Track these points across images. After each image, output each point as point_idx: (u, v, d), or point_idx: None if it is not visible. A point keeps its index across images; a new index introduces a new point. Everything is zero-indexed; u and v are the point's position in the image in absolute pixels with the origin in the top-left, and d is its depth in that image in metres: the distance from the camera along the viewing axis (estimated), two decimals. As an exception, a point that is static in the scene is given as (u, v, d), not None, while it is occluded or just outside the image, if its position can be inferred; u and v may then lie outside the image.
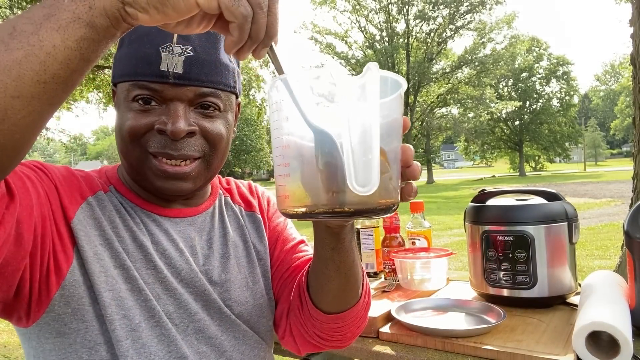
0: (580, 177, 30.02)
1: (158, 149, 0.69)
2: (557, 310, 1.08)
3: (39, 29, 0.42)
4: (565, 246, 1.09)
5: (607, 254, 5.95)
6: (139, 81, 0.68)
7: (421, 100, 27.54)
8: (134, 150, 0.70)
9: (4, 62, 0.41)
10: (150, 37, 0.68)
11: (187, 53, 0.68)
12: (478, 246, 1.15)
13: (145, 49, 0.68)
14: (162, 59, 0.67)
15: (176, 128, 0.67)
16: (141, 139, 0.69)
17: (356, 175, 0.43)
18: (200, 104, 0.71)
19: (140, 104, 0.69)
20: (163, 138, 0.69)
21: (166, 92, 0.68)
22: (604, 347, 0.82)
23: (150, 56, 0.67)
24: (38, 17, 0.42)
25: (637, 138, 2.35)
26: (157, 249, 0.73)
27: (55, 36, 0.42)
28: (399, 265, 1.33)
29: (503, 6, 29.42)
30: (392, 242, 1.43)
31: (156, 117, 0.69)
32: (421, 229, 1.45)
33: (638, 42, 2.26)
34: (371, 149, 0.44)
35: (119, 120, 0.72)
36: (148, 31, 0.68)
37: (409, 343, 0.98)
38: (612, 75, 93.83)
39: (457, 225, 9.43)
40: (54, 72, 0.43)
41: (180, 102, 0.69)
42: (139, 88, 0.68)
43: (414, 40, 27.30)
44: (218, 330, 0.76)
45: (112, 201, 0.73)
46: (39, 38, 0.42)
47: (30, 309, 0.64)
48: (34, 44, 0.42)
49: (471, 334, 0.95)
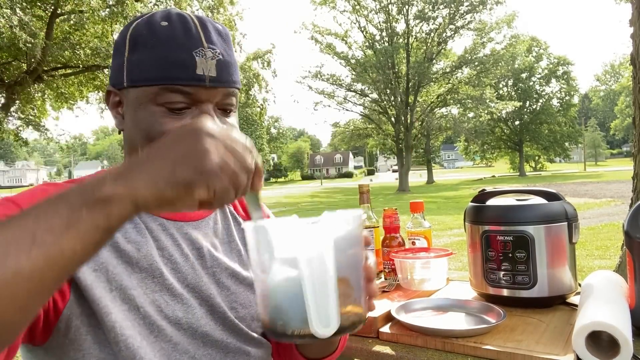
0: (580, 177, 30.02)
1: None
2: (557, 310, 1.08)
3: (60, 239, 0.44)
4: (565, 246, 1.09)
5: (607, 254, 5.95)
6: (174, 85, 0.69)
7: (421, 100, 27.50)
8: None
9: (27, 271, 0.43)
10: (179, 42, 0.69)
11: (217, 56, 0.71)
12: (478, 246, 1.15)
13: (178, 54, 0.69)
14: (197, 63, 0.69)
15: None
16: None
17: (318, 318, 0.49)
18: (224, 104, 0.74)
19: (170, 108, 0.70)
20: None
21: (200, 95, 0.70)
22: (604, 347, 0.82)
23: (184, 61, 0.69)
24: (58, 228, 0.45)
25: (637, 138, 2.35)
26: (162, 254, 0.73)
27: (76, 244, 0.45)
28: (399, 265, 1.33)
29: (503, 6, 29.41)
30: (392, 242, 1.43)
31: (188, 119, 0.70)
32: (421, 229, 1.45)
33: (638, 42, 2.26)
34: (327, 296, 0.49)
35: (142, 125, 0.71)
36: (172, 35, 0.70)
37: (409, 343, 0.98)
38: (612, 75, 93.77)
39: (457, 225, 9.43)
40: (73, 270, 0.47)
41: (210, 104, 0.72)
42: (172, 92, 0.69)
43: (414, 40, 27.27)
44: (223, 334, 0.77)
45: None
46: (60, 248, 0.44)
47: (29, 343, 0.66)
48: (56, 255, 0.44)
49: (471, 334, 0.95)
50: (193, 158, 0.48)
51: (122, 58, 0.72)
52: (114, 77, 0.75)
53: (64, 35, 10.64)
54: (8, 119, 11.25)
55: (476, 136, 33.04)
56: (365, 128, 30.22)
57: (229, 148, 0.50)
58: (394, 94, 26.31)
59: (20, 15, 8.14)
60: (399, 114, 26.40)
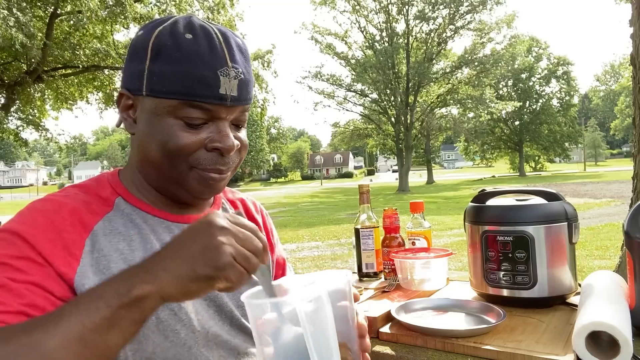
0: (580, 177, 30.03)
1: (210, 165, 0.73)
2: (557, 310, 1.08)
3: (106, 337, 0.53)
4: (565, 246, 1.09)
5: (607, 254, 5.95)
6: (195, 101, 0.70)
7: (421, 100, 27.50)
8: (178, 165, 0.73)
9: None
10: (204, 59, 0.70)
11: (239, 76, 0.72)
12: (478, 246, 1.15)
13: (202, 71, 0.70)
14: (221, 82, 0.70)
15: (230, 147, 0.73)
16: (189, 157, 0.72)
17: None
18: (238, 120, 0.76)
19: (188, 122, 0.71)
20: (214, 155, 0.73)
21: (219, 112, 0.72)
22: (604, 347, 0.82)
23: (208, 79, 0.70)
24: (103, 328, 0.53)
25: (637, 138, 2.35)
26: None
27: (119, 338, 0.54)
28: (399, 265, 1.33)
29: (503, 6, 29.41)
30: (392, 242, 1.43)
31: (206, 135, 0.72)
32: (421, 229, 1.45)
33: (638, 42, 2.26)
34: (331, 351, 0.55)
35: (158, 136, 0.72)
36: (197, 51, 0.70)
37: (409, 343, 0.98)
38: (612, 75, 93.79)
39: (457, 225, 9.43)
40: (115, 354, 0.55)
41: (227, 121, 0.74)
42: (193, 107, 0.70)
43: (413, 40, 27.27)
44: (231, 334, 0.78)
45: (122, 216, 0.74)
46: (107, 345, 0.53)
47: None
48: (103, 349, 0.53)
49: (471, 334, 0.94)
50: (209, 254, 0.55)
51: (143, 65, 0.72)
52: (131, 82, 0.74)
53: (64, 36, 10.64)
54: (8, 119, 11.24)
55: (476, 136, 33.05)
56: (365, 128, 30.22)
57: (239, 237, 0.57)
58: (394, 94, 26.30)
59: (18, 16, 8.12)
60: (399, 114, 26.40)
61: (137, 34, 0.76)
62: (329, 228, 10.90)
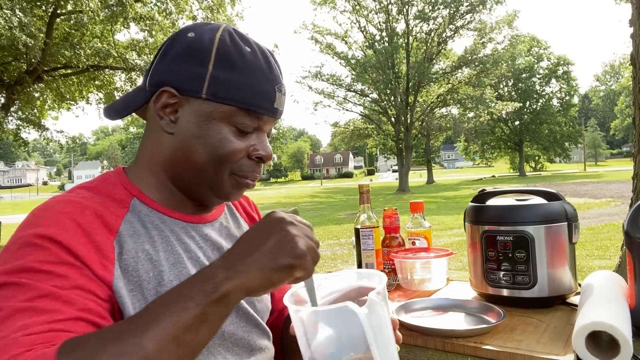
0: (580, 177, 30.03)
1: (249, 172, 0.78)
2: (557, 310, 1.08)
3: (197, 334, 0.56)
4: (565, 246, 1.09)
5: (607, 254, 5.95)
6: (254, 111, 0.74)
7: (421, 100, 27.49)
8: (220, 170, 0.75)
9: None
10: (264, 74, 0.75)
11: (285, 93, 0.79)
12: (478, 246, 1.15)
13: (265, 85, 0.75)
14: (276, 97, 0.76)
15: (269, 155, 0.78)
16: (233, 162, 0.75)
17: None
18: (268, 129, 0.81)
19: (240, 129, 0.75)
20: (253, 162, 0.78)
21: (266, 123, 0.78)
22: (604, 347, 0.82)
23: (269, 93, 0.75)
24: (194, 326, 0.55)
25: (637, 138, 2.35)
26: (190, 256, 0.75)
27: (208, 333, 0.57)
28: (399, 265, 1.33)
29: (503, 6, 29.42)
30: (392, 242, 1.43)
31: (250, 143, 0.76)
32: (421, 229, 1.45)
33: (638, 42, 2.26)
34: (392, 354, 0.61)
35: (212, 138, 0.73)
36: (258, 66, 0.75)
37: (409, 343, 0.98)
38: (612, 75, 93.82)
39: (457, 225, 9.43)
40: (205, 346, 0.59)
41: (266, 132, 0.79)
42: (250, 117, 0.75)
43: (413, 40, 27.26)
44: (245, 331, 0.80)
45: (140, 218, 0.74)
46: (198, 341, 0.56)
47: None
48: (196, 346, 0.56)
49: (471, 334, 0.95)
50: (287, 246, 0.60)
51: (203, 68, 0.72)
52: (183, 82, 0.73)
53: (64, 35, 10.63)
54: (8, 119, 11.24)
55: (476, 136, 33.05)
56: (365, 128, 30.21)
57: (305, 231, 0.63)
58: (394, 94, 26.30)
59: (20, 16, 8.12)
60: (399, 114, 26.40)
61: (186, 34, 0.75)
62: (329, 228, 10.91)
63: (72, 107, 12.88)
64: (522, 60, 39.34)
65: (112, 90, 12.38)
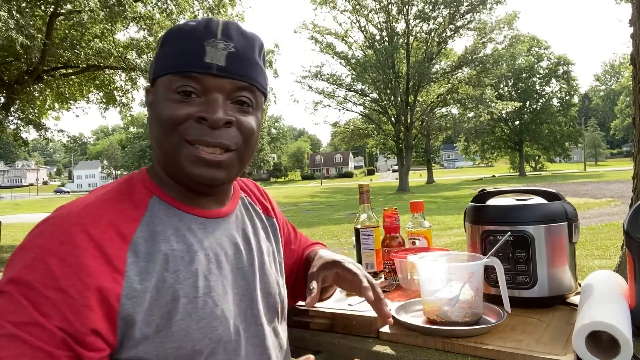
0: (580, 177, 30.03)
1: (196, 137, 0.72)
2: (557, 310, 1.08)
3: None
4: (565, 246, 1.09)
5: (607, 254, 5.95)
6: (183, 72, 0.72)
7: (421, 100, 27.50)
8: (171, 138, 0.73)
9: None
10: (196, 34, 0.73)
11: (229, 49, 0.73)
12: (478, 246, 1.15)
13: (191, 44, 0.73)
14: (206, 52, 0.72)
15: (216, 116, 0.72)
16: (180, 127, 0.72)
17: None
18: (237, 98, 0.75)
19: (181, 95, 0.73)
20: (202, 126, 0.72)
21: (208, 83, 0.73)
22: (604, 347, 0.82)
23: (195, 49, 0.72)
24: None
25: (637, 138, 2.35)
26: (206, 254, 0.76)
27: None
28: (399, 265, 1.33)
29: (503, 6, 29.41)
30: (392, 242, 1.43)
31: (196, 107, 0.72)
32: (421, 229, 1.45)
33: (638, 42, 2.26)
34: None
35: (158, 112, 0.74)
36: (193, 29, 0.74)
37: (409, 343, 0.98)
38: (612, 75, 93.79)
39: (457, 225, 9.43)
40: None
41: (219, 94, 0.73)
42: (182, 78, 0.72)
43: (414, 40, 27.26)
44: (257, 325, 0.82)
45: (157, 217, 0.74)
46: None
47: None
48: None
49: (471, 333, 0.94)
50: None
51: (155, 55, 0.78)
52: (150, 76, 0.79)
53: (64, 35, 10.63)
54: (8, 119, 11.23)
55: (476, 136, 33.05)
56: (365, 128, 30.22)
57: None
58: (394, 94, 26.31)
59: (17, 18, 8.11)
60: (399, 114, 26.41)
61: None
62: (329, 228, 10.91)
63: (72, 107, 12.88)
64: (522, 60, 39.31)
65: (112, 90, 12.38)
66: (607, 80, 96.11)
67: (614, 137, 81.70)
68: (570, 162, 67.49)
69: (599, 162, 69.36)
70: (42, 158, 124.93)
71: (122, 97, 12.78)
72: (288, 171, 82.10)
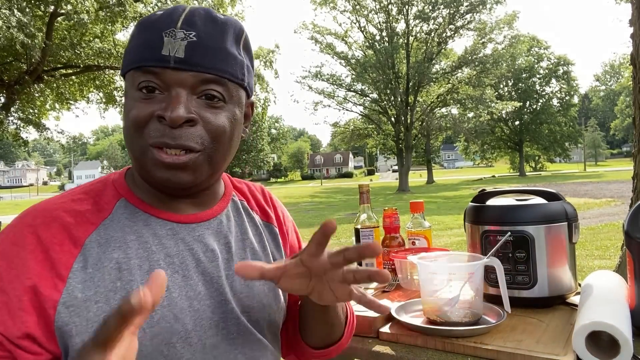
0: (580, 177, 30.03)
1: (157, 138, 0.66)
2: (557, 310, 1.08)
3: None
4: (565, 246, 1.09)
5: (607, 254, 5.95)
6: (142, 67, 0.66)
7: (421, 100, 27.49)
8: (137, 141, 0.67)
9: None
10: (156, 24, 0.67)
11: (190, 38, 0.66)
12: (478, 246, 1.15)
13: (149, 36, 0.67)
14: (164, 43, 0.65)
15: (175, 114, 0.64)
16: (144, 130, 0.66)
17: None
18: (204, 93, 0.68)
19: (144, 93, 0.67)
20: (162, 126, 0.66)
21: (167, 77, 0.66)
22: (604, 347, 0.82)
23: (153, 41, 0.66)
24: None
25: (637, 138, 2.35)
26: (170, 262, 0.70)
27: None
28: (399, 265, 1.33)
29: (503, 6, 29.41)
30: (392, 242, 1.43)
31: (158, 104, 0.66)
32: (421, 229, 1.45)
33: (638, 42, 2.26)
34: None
35: (125, 112, 0.69)
36: (156, 19, 0.68)
37: (409, 343, 0.98)
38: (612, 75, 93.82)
39: (457, 225, 9.43)
40: None
41: (181, 89, 0.66)
42: (142, 73, 0.66)
43: (413, 40, 27.26)
44: (233, 342, 0.73)
45: (119, 221, 0.70)
46: None
47: None
48: None
49: (471, 333, 0.94)
50: None
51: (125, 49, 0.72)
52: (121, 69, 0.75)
53: (64, 35, 10.63)
54: (8, 119, 11.23)
55: (476, 136, 33.03)
56: (365, 128, 30.20)
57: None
58: (394, 94, 26.30)
59: (19, 16, 8.12)
60: (399, 114, 26.39)
61: None
62: (329, 228, 10.87)
63: (72, 107, 12.88)
64: (522, 60, 39.32)
65: (112, 90, 12.38)
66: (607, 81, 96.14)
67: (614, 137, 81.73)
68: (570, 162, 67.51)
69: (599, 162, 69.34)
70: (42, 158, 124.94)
71: (122, 98, 12.79)
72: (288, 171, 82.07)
